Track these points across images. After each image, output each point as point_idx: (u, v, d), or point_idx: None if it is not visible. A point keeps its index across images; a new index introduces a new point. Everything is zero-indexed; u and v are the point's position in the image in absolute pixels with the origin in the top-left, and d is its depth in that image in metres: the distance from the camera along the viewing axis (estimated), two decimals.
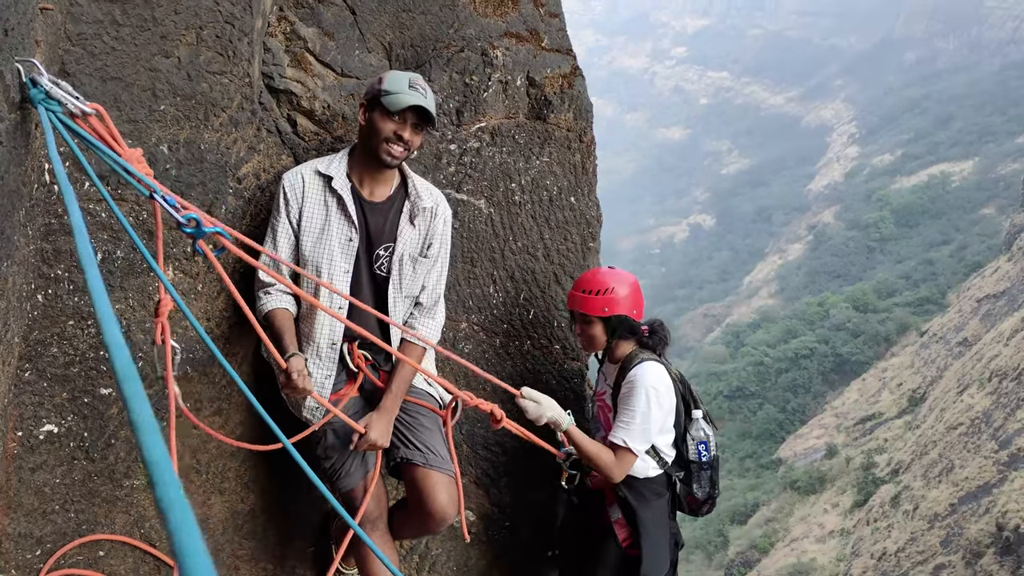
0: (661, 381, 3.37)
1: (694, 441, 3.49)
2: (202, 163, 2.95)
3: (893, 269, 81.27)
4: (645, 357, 3.42)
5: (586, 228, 3.95)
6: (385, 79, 2.89)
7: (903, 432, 48.02)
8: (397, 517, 3.28)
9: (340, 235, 2.95)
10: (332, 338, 3.02)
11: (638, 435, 3.32)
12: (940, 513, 34.32)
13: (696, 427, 3.50)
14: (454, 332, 3.64)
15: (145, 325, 2.94)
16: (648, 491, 3.47)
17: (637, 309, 3.47)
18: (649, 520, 3.44)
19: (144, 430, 0.65)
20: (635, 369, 3.38)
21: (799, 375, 68.02)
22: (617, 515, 3.51)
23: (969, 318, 52.77)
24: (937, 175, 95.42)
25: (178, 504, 0.58)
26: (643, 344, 3.51)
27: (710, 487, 3.54)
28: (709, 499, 3.56)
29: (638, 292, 3.50)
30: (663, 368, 3.42)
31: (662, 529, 3.49)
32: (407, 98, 2.86)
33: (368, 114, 2.91)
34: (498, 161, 3.62)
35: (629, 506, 3.45)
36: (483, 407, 3.09)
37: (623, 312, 3.42)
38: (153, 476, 0.59)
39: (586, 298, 3.45)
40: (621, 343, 3.49)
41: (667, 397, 3.39)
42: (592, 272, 3.55)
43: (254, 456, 3.36)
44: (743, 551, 47.68)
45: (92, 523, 2.98)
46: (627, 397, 3.36)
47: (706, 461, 3.50)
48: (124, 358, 0.76)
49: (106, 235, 2.81)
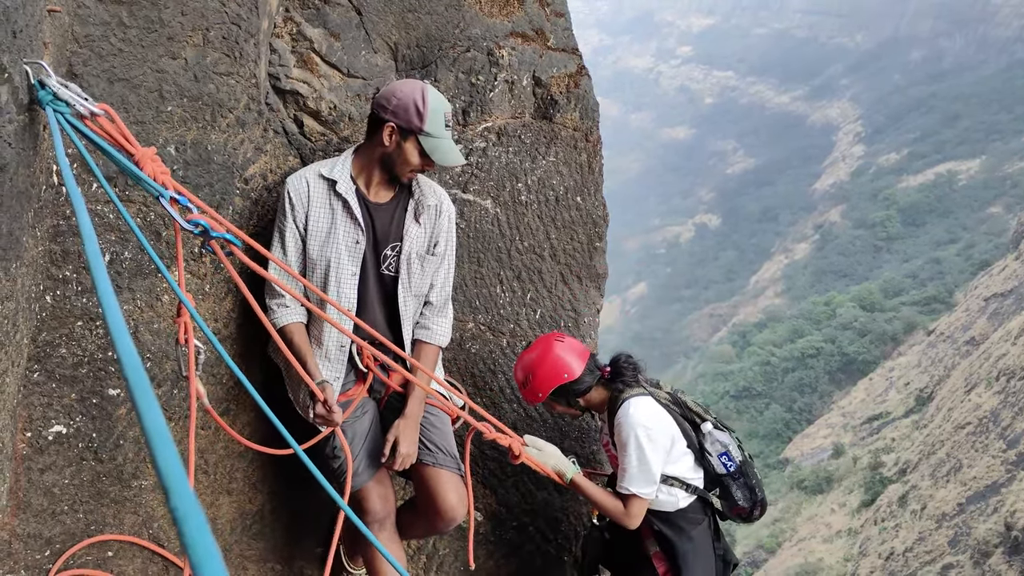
0: (649, 416, 3.23)
1: (714, 455, 3.35)
2: (209, 164, 2.95)
3: (900, 268, 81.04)
4: (625, 396, 3.27)
5: (592, 228, 3.94)
6: (425, 113, 2.80)
7: (910, 432, 47.85)
8: (405, 517, 3.29)
9: (347, 238, 2.95)
10: (341, 341, 3.03)
11: (639, 479, 3.20)
12: (948, 513, 34.19)
13: (711, 440, 3.36)
14: (461, 332, 3.64)
15: (153, 326, 2.95)
16: (684, 522, 3.34)
17: (569, 371, 3.30)
18: (690, 551, 3.31)
19: (158, 440, 0.65)
20: (619, 413, 3.25)
21: (806, 375, 67.88)
22: (655, 548, 3.39)
23: (976, 317, 52.55)
24: (944, 174, 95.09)
25: (193, 515, 0.58)
26: (613, 387, 3.36)
27: (750, 492, 3.39)
28: (756, 504, 3.42)
29: (564, 353, 3.32)
30: (648, 399, 3.27)
31: (706, 556, 3.37)
32: (451, 157, 2.87)
33: (400, 140, 2.85)
34: (504, 161, 3.62)
35: (667, 540, 3.34)
36: (501, 441, 3.10)
37: (556, 384, 3.30)
38: (167, 486, 0.59)
39: (523, 392, 3.42)
40: (591, 397, 3.37)
41: (659, 430, 3.24)
42: (517, 361, 3.44)
43: (262, 457, 3.37)
44: (750, 551, 47.60)
45: (101, 523, 2.99)
46: (620, 443, 3.26)
47: (734, 470, 3.36)
48: (136, 367, 0.76)
49: (114, 236, 2.82)
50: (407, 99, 2.81)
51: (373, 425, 3.16)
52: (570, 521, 4.05)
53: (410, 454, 3.01)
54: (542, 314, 3.85)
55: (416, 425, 3.06)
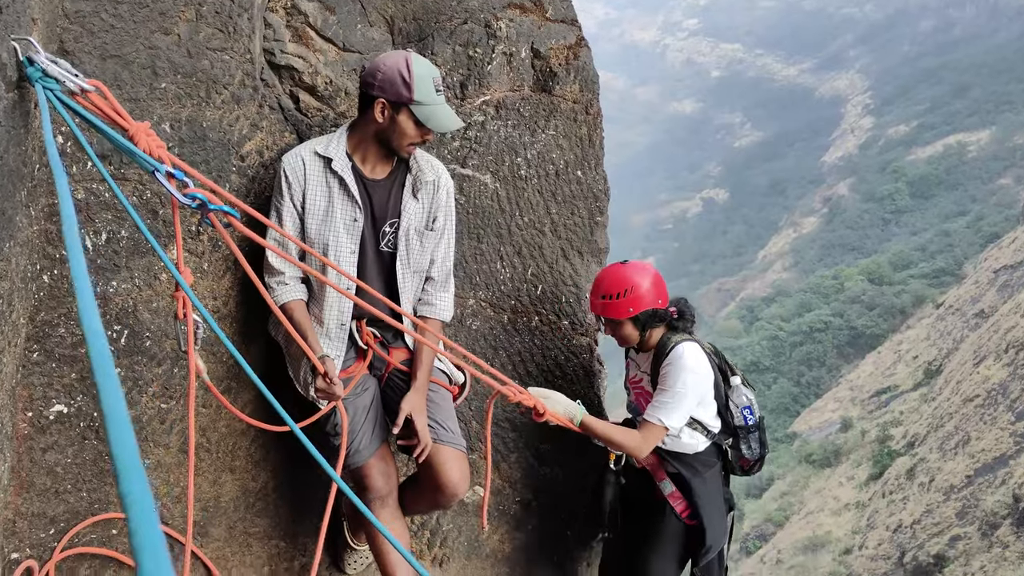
0: (699, 362, 3.40)
1: (738, 407, 3.54)
2: (205, 141, 2.93)
3: (909, 241, 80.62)
4: (678, 339, 3.44)
5: (593, 202, 3.91)
6: (412, 83, 2.77)
7: (919, 405, 47.82)
8: (408, 493, 3.29)
9: (344, 216, 2.93)
10: (341, 319, 3.02)
11: (673, 414, 3.35)
12: (956, 485, 34.24)
13: (737, 393, 3.55)
14: (461, 309, 3.62)
15: (152, 305, 2.94)
16: (699, 464, 3.52)
17: (662, 298, 3.47)
18: (704, 492, 3.50)
19: (114, 421, 0.63)
20: (671, 354, 3.40)
21: (814, 349, 67.81)
22: (670, 489, 3.55)
23: (986, 289, 52.30)
24: (953, 145, 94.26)
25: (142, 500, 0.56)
26: (672, 327, 3.53)
27: (760, 447, 3.60)
28: (760, 459, 3.62)
29: (659, 281, 3.49)
30: (697, 347, 3.44)
31: (717, 497, 3.57)
32: (447, 121, 2.84)
33: (392, 115, 2.82)
34: (503, 135, 3.59)
35: (684, 480, 3.50)
36: (526, 402, 3.09)
37: (649, 307, 3.42)
38: (119, 468, 0.57)
39: (608, 303, 3.44)
40: (652, 332, 3.51)
41: (704, 376, 3.42)
42: (608, 272, 3.52)
43: (264, 435, 3.37)
44: (758, 524, 47.83)
45: (104, 502, 3.01)
46: (665, 378, 3.39)
47: (752, 424, 3.54)
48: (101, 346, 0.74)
49: (110, 215, 2.80)
50: (391, 72, 2.77)
51: (374, 402, 3.15)
52: (574, 496, 4.05)
53: (427, 431, 3.01)
54: (543, 290, 3.83)
55: (425, 399, 3.07)
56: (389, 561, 3.14)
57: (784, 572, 41.42)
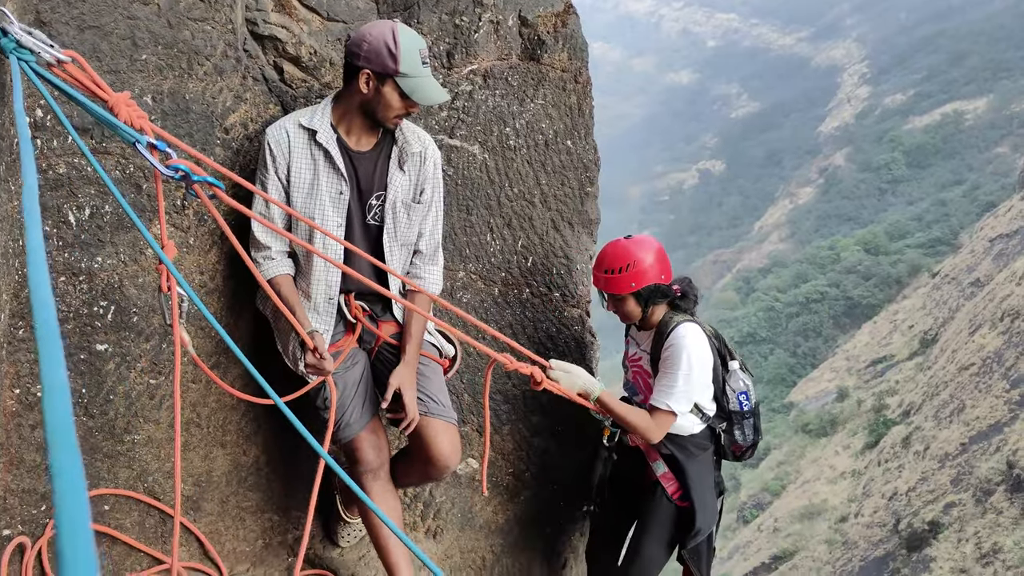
0: (700, 343, 3.38)
1: (734, 392, 3.52)
2: (188, 114, 2.89)
3: (905, 211, 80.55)
4: (680, 320, 3.41)
5: (583, 172, 3.87)
6: (398, 55, 2.71)
7: (914, 374, 48.05)
8: (400, 466, 3.29)
9: (330, 189, 2.89)
10: (329, 293, 3.00)
11: (682, 398, 3.34)
12: (951, 453, 34.50)
13: (735, 378, 3.52)
14: (451, 281, 3.60)
15: (138, 280, 2.92)
16: (693, 446, 3.50)
17: (665, 274, 3.43)
18: (697, 474, 3.49)
19: (52, 393, 0.61)
20: (673, 334, 3.38)
21: (810, 319, 68.01)
22: (663, 470, 3.54)
23: (981, 258, 52.36)
24: (950, 114, 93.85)
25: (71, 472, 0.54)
26: (675, 306, 3.50)
27: (753, 433, 3.58)
28: (752, 445, 3.61)
29: (663, 256, 3.45)
30: (699, 328, 3.42)
31: (709, 480, 3.56)
32: (433, 94, 2.79)
33: (377, 86, 2.77)
34: (491, 105, 3.54)
35: (676, 461, 3.49)
36: (523, 370, 3.08)
37: (651, 282, 3.39)
38: (50, 440, 0.55)
39: (610, 278, 3.41)
40: (655, 309, 3.48)
41: (707, 358, 3.40)
42: (610, 247, 3.48)
43: (255, 409, 3.37)
44: (755, 494, 48.24)
45: (95, 478, 3.00)
46: (668, 361, 3.36)
47: (748, 410, 3.53)
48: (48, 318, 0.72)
49: (93, 189, 2.77)
50: (378, 42, 2.72)
51: (364, 375, 3.14)
52: (565, 468, 4.06)
53: (415, 405, 3.00)
54: (534, 262, 3.80)
55: (415, 372, 3.05)
56: (382, 534, 3.15)
57: (781, 540, 41.84)
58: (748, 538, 44.39)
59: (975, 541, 28.51)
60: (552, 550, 4.14)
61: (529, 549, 4.06)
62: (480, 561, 3.95)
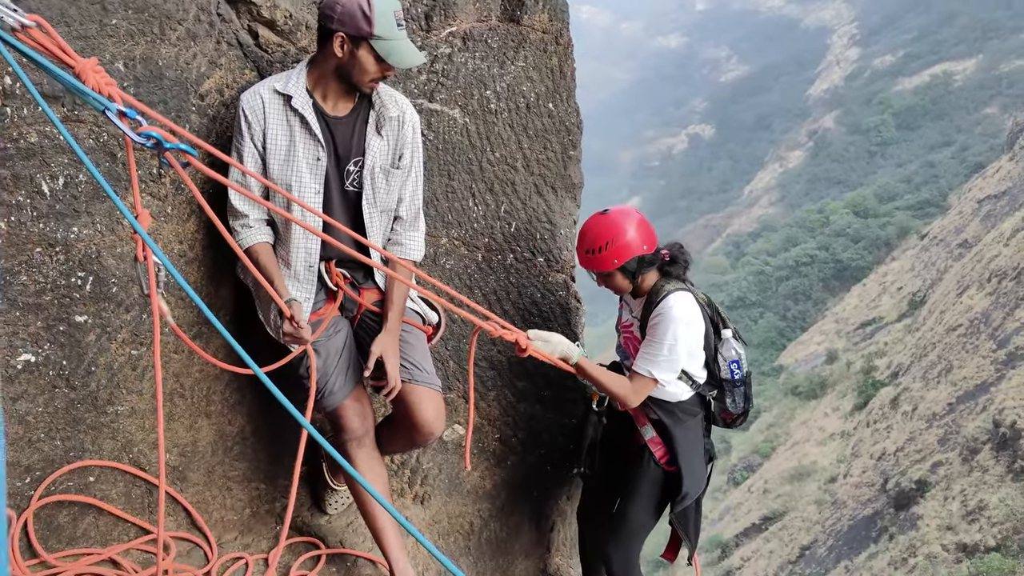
0: (690, 311, 3.35)
1: (726, 361, 3.50)
2: (161, 80, 2.84)
3: (894, 173, 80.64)
4: (671, 288, 3.37)
5: (566, 135, 3.83)
6: (373, 17, 2.67)
7: (903, 335, 48.42)
8: (385, 433, 3.29)
9: (307, 155, 2.85)
10: (309, 261, 2.97)
11: (664, 366, 3.32)
12: (938, 413, 34.88)
13: (727, 347, 3.50)
14: (434, 248, 3.58)
15: (116, 251, 2.89)
16: (681, 412, 3.50)
17: (648, 243, 3.38)
18: (684, 439, 3.49)
19: None
20: (663, 302, 3.34)
21: (799, 283, 68.35)
22: (651, 435, 3.54)
23: (970, 219, 52.56)
24: (940, 75, 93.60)
25: None
26: (665, 272, 3.46)
27: (744, 401, 3.57)
28: (743, 413, 3.61)
29: (644, 226, 3.40)
30: (690, 296, 3.38)
31: (697, 446, 3.56)
32: (409, 57, 2.73)
33: (352, 49, 2.71)
34: (471, 67, 3.49)
35: (664, 427, 3.49)
36: (507, 337, 3.06)
37: (634, 255, 3.35)
38: None
39: (592, 257, 3.38)
40: (644, 278, 3.44)
41: (696, 328, 3.37)
42: (589, 225, 3.43)
43: (239, 379, 3.36)
44: (745, 456, 48.78)
45: (79, 450, 2.99)
46: (655, 329, 3.34)
47: (739, 379, 3.51)
48: None
49: (66, 159, 2.72)
50: (351, 5, 2.67)
51: (347, 343, 3.13)
52: (551, 432, 4.08)
53: (397, 373, 2.99)
54: (517, 227, 3.78)
55: (397, 340, 3.03)
56: (368, 501, 3.16)
57: (771, 501, 42.39)
58: (738, 500, 44.95)
59: (961, 499, 28.94)
60: (539, 514, 4.17)
61: (516, 513, 4.09)
62: (468, 526, 3.97)
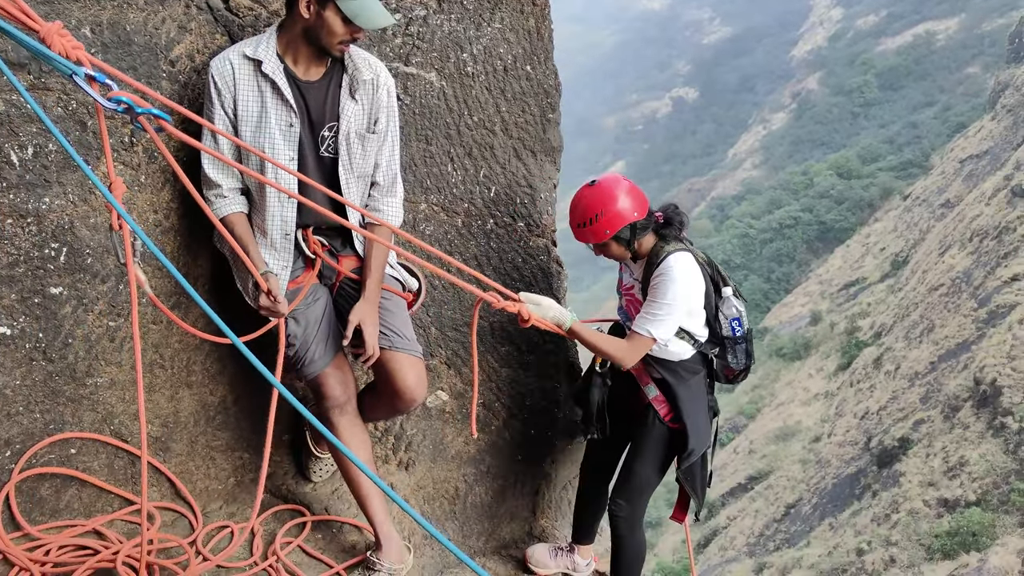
0: (690, 271, 3.35)
1: (727, 318, 3.52)
2: (130, 46, 2.78)
3: (877, 134, 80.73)
4: (670, 249, 3.37)
5: (544, 98, 3.79)
6: None
7: (886, 296, 48.84)
8: (367, 400, 3.29)
9: (280, 121, 2.80)
10: (285, 229, 2.93)
11: (662, 326, 3.32)
12: (920, 372, 35.32)
13: (728, 304, 3.52)
14: (413, 214, 3.55)
15: (90, 221, 2.85)
16: (684, 371, 3.52)
17: (639, 209, 3.36)
18: (688, 397, 3.51)
19: None
20: (663, 264, 3.34)
21: (783, 245, 68.67)
22: (655, 393, 3.56)
23: (952, 179, 52.80)
24: (922, 35, 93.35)
25: None
26: (662, 235, 3.45)
27: (746, 358, 3.60)
28: (745, 369, 3.63)
29: (633, 192, 3.37)
30: (690, 256, 3.38)
31: (701, 403, 3.58)
32: (378, 18, 2.64)
33: (318, 11, 2.64)
34: (447, 30, 3.43)
35: (667, 385, 3.51)
36: (510, 308, 3.04)
37: (626, 223, 3.33)
38: None
39: (584, 230, 3.37)
40: (641, 242, 3.43)
41: (697, 286, 3.39)
42: (578, 197, 3.41)
43: (220, 348, 3.34)
44: (731, 417, 49.28)
45: (59, 422, 2.98)
46: (655, 289, 3.34)
47: (740, 335, 3.54)
48: None
49: (35, 128, 2.68)
50: None
51: (327, 311, 3.11)
52: (534, 397, 4.09)
53: (376, 341, 2.98)
54: (497, 192, 3.75)
55: (376, 307, 3.02)
56: (352, 468, 3.17)
57: (756, 461, 42.96)
58: (725, 460, 45.49)
59: (943, 455, 29.42)
60: (524, 477, 4.20)
61: (501, 477, 4.11)
62: (453, 491, 4.00)
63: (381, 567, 3.21)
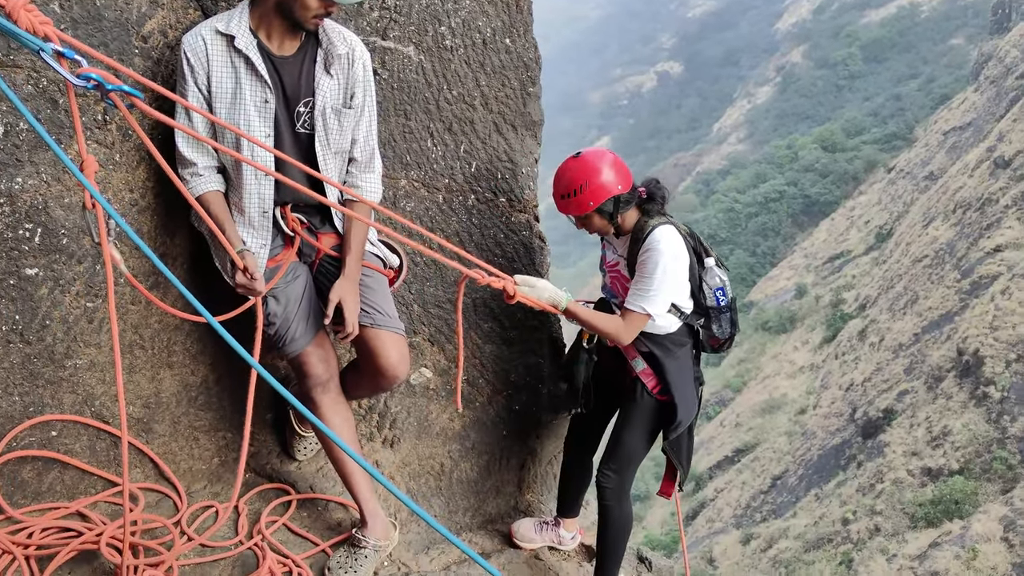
0: (676, 244, 3.35)
1: (711, 288, 3.53)
2: (100, 21, 2.73)
3: (861, 107, 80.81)
4: (655, 223, 3.37)
5: (524, 72, 3.75)
6: None
7: (870, 268, 49.17)
8: (350, 378, 3.28)
9: (254, 97, 2.76)
10: (263, 206, 2.90)
11: (655, 301, 3.33)
12: (904, 343, 35.66)
13: (711, 275, 3.54)
14: (393, 190, 3.52)
15: (64, 201, 2.81)
16: (671, 343, 3.53)
17: (623, 183, 3.35)
18: (675, 369, 3.53)
19: None
20: (648, 238, 3.34)
21: (769, 219, 68.89)
22: (642, 367, 3.57)
23: (936, 152, 53.03)
24: (906, 6, 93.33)
25: None
26: (644, 210, 3.45)
27: (731, 327, 3.62)
28: (730, 338, 3.66)
29: (617, 165, 3.37)
30: (674, 229, 3.38)
31: (688, 375, 3.60)
32: None
33: None
34: (424, 3, 3.38)
35: (655, 359, 3.53)
36: (495, 284, 3.03)
37: (609, 195, 3.32)
38: None
39: (568, 202, 3.36)
40: (624, 217, 3.43)
41: (682, 259, 3.39)
42: (562, 169, 3.40)
43: (201, 328, 3.32)
44: (717, 391, 49.66)
45: (39, 405, 2.96)
46: (644, 265, 3.34)
47: (724, 305, 3.56)
48: None
49: (5, 106, 2.63)
50: None
51: (307, 289, 3.09)
52: (518, 372, 4.09)
53: (356, 319, 2.96)
54: (477, 167, 3.72)
55: (356, 285, 2.99)
56: (336, 446, 3.16)
57: (743, 434, 43.35)
58: (711, 434, 45.90)
59: (926, 425, 29.78)
60: (509, 453, 4.20)
61: (486, 453, 4.12)
62: (439, 467, 4.00)
63: (367, 544, 3.21)
